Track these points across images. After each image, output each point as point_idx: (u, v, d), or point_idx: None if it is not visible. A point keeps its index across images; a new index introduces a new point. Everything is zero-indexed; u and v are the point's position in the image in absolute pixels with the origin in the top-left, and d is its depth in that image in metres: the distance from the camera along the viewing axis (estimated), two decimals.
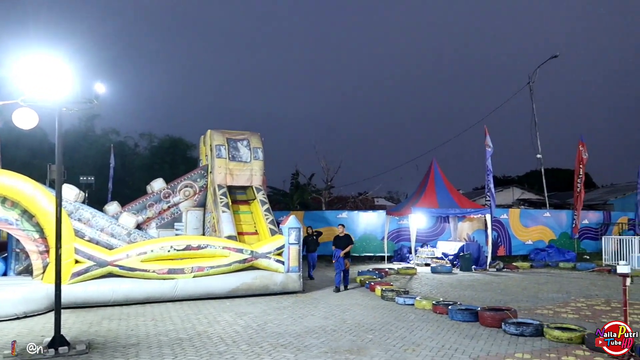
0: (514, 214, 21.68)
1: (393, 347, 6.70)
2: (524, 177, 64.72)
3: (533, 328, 7.31)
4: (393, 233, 20.41)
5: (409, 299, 10.03)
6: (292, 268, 11.54)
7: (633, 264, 16.88)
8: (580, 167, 21.98)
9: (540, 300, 10.69)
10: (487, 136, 18.35)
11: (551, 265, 18.30)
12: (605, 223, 23.98)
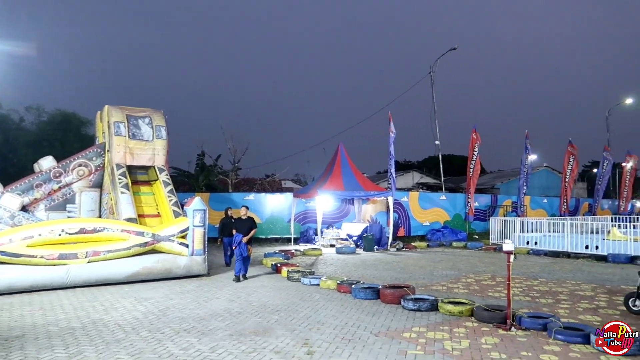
0: (413, 197, 22.88)
1: (298, 327, 6.79)
2: (423, 162, 68.59)
3: (429, 303, 7.78)
4: (300, 215, 20.63)
5: (315, 280, 10.21)
6: (197, 251, 11.24)
7: (515, 242, 18.60)
8: (473, 153, 23.67)
9: (435, 277, 11.40)
10: (391, 122, 19.07)
11: (445, 245, 19.62)
12: (492, 205, 26.17)
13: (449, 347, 5.85)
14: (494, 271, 12.26)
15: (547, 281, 10.77)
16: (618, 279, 11.11)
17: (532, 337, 6.22)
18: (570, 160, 27.21)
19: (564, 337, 5.99)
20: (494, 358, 5.42)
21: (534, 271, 12.35)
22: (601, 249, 15.41)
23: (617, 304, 8.29)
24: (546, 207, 29.37)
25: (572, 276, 11.54)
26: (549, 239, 17.37)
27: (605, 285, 10.21)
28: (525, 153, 25.38)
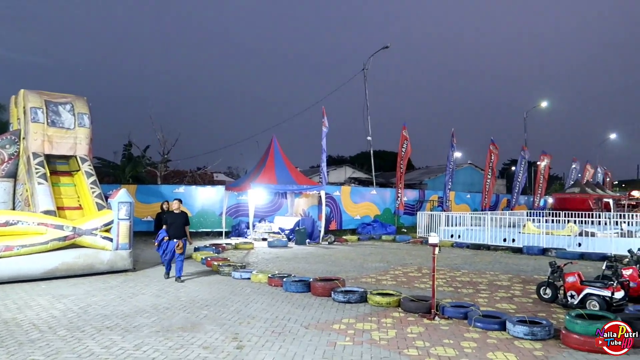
0: (345, 191, 23.26)
1: (228, 321, 6.70)
2: (355, 157, 69.94)
3: (358, 295, 7.95)
4: (232, 208, 20.34)
5: (245, 273, 10.12)
6: (122, 245, 10.76)
7: (440, 235, 19.45)
8: (403, 149, 24.41)
9: (365, 269, 11.67)
10: (324, 117, 19.22)
11: (375, 238, 20.14)
12: (420, 200, 27.16)
13: (376, 337, 6.01)
14: (420, 263, 12.73)
15: (469, 272, 11.35)
16: (531, 269, 11.92)
17: (454, 325, 6.53)
18: (491, 158, 28.78)
19: (482, 325, 6.34)
20: (419, 346, 5.64)
21: (457, 263, 12.98)
22: (517, 242, 16.47)
23: (530, 292, 8.90)
24: (469, 202, 30.93)
25: (491, 267, 12.24)
26: (471, 233, 18.32)
27: (520, 276, 10.92)
28: (451, 150, 26.55)
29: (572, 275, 7.79)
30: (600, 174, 41.79)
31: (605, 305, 7.17)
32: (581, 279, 7.75)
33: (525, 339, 5.88)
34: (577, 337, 5.58)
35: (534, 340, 5.85)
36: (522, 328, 5.95)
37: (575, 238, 15.86)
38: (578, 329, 5.62)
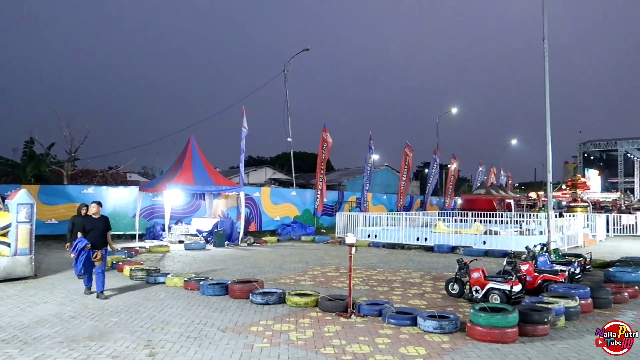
0: (265, 192, 23.16)
1: (140, 328, 6.42)
2: (276, 158, 69.88)
3: (277, 296, 7.95)
4: (146, 210, 19.51)
5: (160, 277, 9.75)
6: (21, 250, 9.95)
7: (358, 235, 19.96)
8: (323, 151, 24.76)
9: (284, 270, 11.70)
10: (244, 117, 19.01)
11: (295, 239, 20.25)
12: (339, 201, 27.70)
13: (294, 337, 6.05)
14: (338, 263, 12.98)
15: (384, 271, 11.76)
16: (441, 266, 12.59)
17: (369, 322, 6.73)
18: (406, 161, 30.03)
19: (396, 321, 6.60)
20: (335, 345, 5.75)
21: (373, 262, 13.39)
22: (429, 241, 17.32)
23: (440, 288, 9.39)
24: (386, 203, 32.04)
25: (405, 265, 12.76)
26: (387, 232, 18.98)
27: (431, 273, 11.50)
28: (368, 153, 27.34)
29: (477, 271, 8.32)
30: (503, 176, 45.10)
31: (505, 298, 7.74)
32: (485, 275, 8.31)
33: (435, 332, 6.20)
34: (481, 329, 5.97)
35: (442, 333, 6.18)
36: (431, 323, 6.27)
37: (480, 236, 16.96)
38: (481, 321, 6.02)
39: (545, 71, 13.40)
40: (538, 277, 9.06)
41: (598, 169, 52.77)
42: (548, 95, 13.40)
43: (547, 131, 13.49)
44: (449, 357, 5.35)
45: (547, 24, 13.40)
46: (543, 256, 10.42)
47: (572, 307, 7.02)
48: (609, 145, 51.29)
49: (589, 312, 7.49)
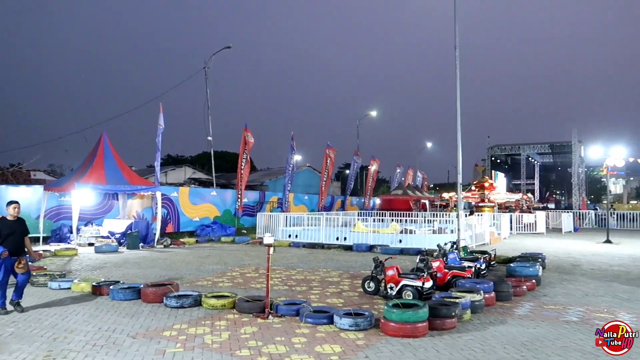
0: (183, 192, 22.46)
1: (40, 338, 5.96)
2: (196, 157, 68.07)
3: (192, 299, 7.73)
4: (52, 211, 18.19)
5: (65, 283, 9.13)
6: None
7: (279, 236, 19.94)
8: (244, 151, 24.45)
9: (202, 272, 11.41)
10: (161, 114, 18.32)
11: (214, 240, 19.82)
12: (260, 201, 27.51)
13: (209, 340, 5.91)
14: (258, 264, 12.88)
15: (304, 270, 11.83)
16: (359, 265, 12.89)
17: (286, 322, 6.73)
18: (327, 162, 30.45)
19: (313, 320, 6.65)
20: (251, 346, 5.69)
21: (293, 262, 13.43)
22: (348, 240, 17.69)
23: (357, 286, 9.60)
24: (307, 203, 32.29)
25: (324, 265, 12.93)
26: (307, 232, 19.13)
27: (349, 271, 11.74)
28: (290, 153, 27.40)
29: (391, 269, 8.61)
30: (419, 177, 47.10)
31: (417, 294, 8.07)
32: (399, 272, 8.62)
33: (350, 330, 6.32)
34: (394, 325, 6.18)
35: (357, 330, 6.32)
36: (347, 320, 6.39)
37: (397, 235, 17.60)
38: (394, 317, 6.23)
39: (457, 79, 14.17)
40: (448, 274, 9.55)
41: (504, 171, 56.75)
42: (459, 102, 14.18)
43: (457, 135, 14.27)
44: (363, 353, 5.48)
45: (458, 35, 14.18)
46: (453, 253, 11.01)
47: (477, 300, 7.47)
48: (513, 149, 55.25)
49: (492, 305, 8.01)
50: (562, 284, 10.10)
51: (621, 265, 13.21)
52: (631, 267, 12.76)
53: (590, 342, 5.93)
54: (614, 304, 8.24)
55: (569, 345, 5.83)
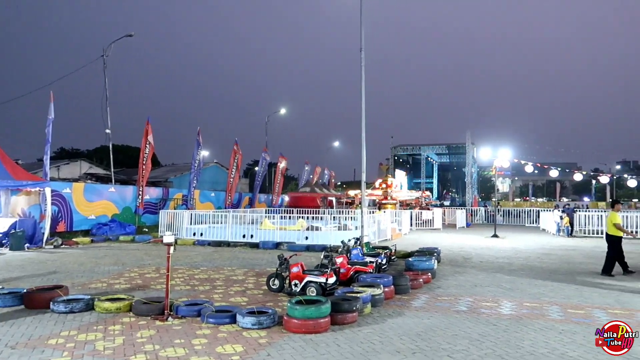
0: (78, 188, 20.91)
1: None
2: (94, 151, 63.76)
3: (83, 303, 7.20)
4: None
5: None
6: None
7: (183, 234, 19.29)
8: (147, 145, 23.30)
9: (96, 274, 10.69)
10: (51, 103, 16.89)
11: (112, 239, 18.69)
12: (163, 198, 26.42)
13: (100, 347, 5.53)
14: (159, 263, 12.34)
15: (207, 269, 11.54)
16: (265, 262, 12.83)
17: (187, 324, 6.51)
18: (235, 158, 29.97)
19: (214, 320, 6.49)
20: (148, 350, 5.42)
21: (197, 261, 13.05)
22: (255, 237, 17.56)
23: (262, 284, 9.54)
24: (214, 201, 31.55)
25: (229, 263, 12.71)
26: (213, 230, 18.71)
27: (254, 269, 11.64)
28: (196, 148, 26.58)
29: (296, 266, 8.66)
30: (326, 175, 47.97)
31: (321, 290, 8.20)
32: (303, 269, 8.70)
33: (253, 328, 6.26)
34: (296, 322, 6.21)
35: (260, 329, 6.27)
36: (250, 319, 6.32)
37: (303, 232, 17.78)
38: (297, 314, 6.27)
39: (362, 80, 14.59)
40: (351, 269, 9.82)
41: (406, 170, 59.65)
42: (364, 102, 14.62)
43: (362, 135, 14.71)
44: (265, 352, 5.45)
45: (364, 37, 14.61)
46: (356, 249, 11.34)
47: (377, 294, 7.75)
48: (414, 149, 58.33)
49: (391, 298, 8.36)
50: (455, 276, 10.81)
51: (505, 257, 14.44)
52: (514, 259, 13.99)
53: (477, 329, 6.41)
54: (498, 293, 8.97)
55: (459, 334, 6.24)
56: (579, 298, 8.60)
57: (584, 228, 23.47)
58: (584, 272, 11.75)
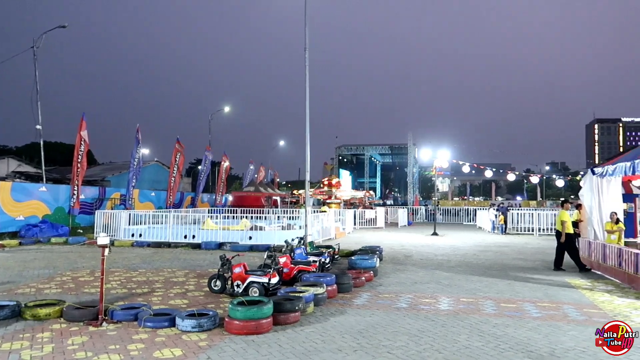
0: (4, 188, 19.61)
1: None
2: (23, 148, 60.13)
3: (9, 310, 6.74)
4: None
5: None
6: None
7: (121, 235, 18.55)
8: (82, 142, 22.23)
9: (24, 278, 10.07)
10: None
11: (43, 241, 17.69)
12: (100, 198, 25.31)
13: (27, 356, 5.21)
14: (94, 266, 11.80)
15: (146, 271, 11.16)
16: (207, 263, 12.58)
17: (123, 329, 6.25)
18: (177, 157, 29.20)
19: (152, 324, 6.28)
20: (79, 358, 5.16)
21: (135, 262, 12.59)
22: (197, 238, 17.17)
23: (203, 285, 9.34)
24: (154, 200, 30.58)
25: (169, 264, 12.35)
26: (153, 231, 18.12)
27: (196, 270, 11.38)
28: (136, 146, 25.65)
29: (238, 266, 8.55)
30: (271, 174, 47.73)
31: (264, 290, 8.14)
32: (246, 269, 8.60)
33: (193, 331, 6.11)
34: (238, 323, 6.12)
35: (201, 331, 6.13)
36: (190, 322, 6.16)
37: (247, 232, 17.58)
38: (239, 315, 6.18)
39: (306, 79, 14.62)
40: (294, 268, 9.81)
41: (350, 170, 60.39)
42: (308, 101, 14.65)
43: (306, 134, 14.74)
44: (205, 355, 5.33)
45: (308, 37, 14.64)
46: (300, 249, 11.35)
47: (320, 293, 7.78)
48: (358, 149, 59.21)
49: (334, 296, 8.42)
50: (396, 274, 11.06)
51: (444, 255, 14.94)
52: (452, 256, 14.50)
53: (416, 325, 6.58)
54: (437, 290, 9.25)
55: (399, 330, 6.37)
56: (510, 292, 9.02)
57: (516, 225, 24.70)
58: (515, 267, 12.35)
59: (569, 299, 8.51)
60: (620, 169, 10.33)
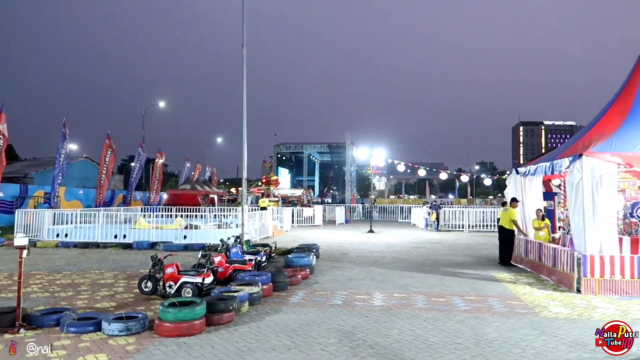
0: None
1: None
2: None
3: None
4: None
5: None
6: None
7: (45, 235, 17.48)
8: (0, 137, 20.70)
9: None
10: None
11: None
12: (21, 196, 23.77)
13: None
14: (13, 269, 11.04)
15: (71, 273, 10.59)
16: (139, 264, 12.12)
17: (43, 335, 5.89)
18: (108, 153, 27.92)
19: (76, 329, 5.95)
20: None
21: (60, 264, 11.92)
22: (128, 238, 16.50)
23: (133, 287, 8.98)
24: (82, 199, 29.13)
25: (97, 266, 11.78)
26: (80, 230, 17.23)
27: (126, 271, 10.93)
28: (62, 141, 24.23)
29: (171, 266, 8.29)
30: (208, 172, 46.78)
31: (197, 290, 7.95)
32: (179, 269, 8.36)
33: (121, 335, 5.85)
34: (169, 325, 5.93)
35: (129, 335, 5.88)
36: (117, 325, 5.90)
37: (182, 231, 17.12)
38: (169, 316, 5.99)
39: (243, 76, 14.44)
40: (229, 268, 9.66)
41: (289, 168, 60.39)
42: (245, 98, 14.48)
43: (243, 132, 14.56)
44: (132, 359, 5.12)
45: (246, 33, 14.46)
46: (236, 247, 11.19)
47: (255, 292, 7.71)
48: (297, 148, 59.33)
49: (270, 295, 8.37)
50: (332, 271, 11.17)
51: (379, 251, 15.28)
52: (386, 253, 14.86)
53: (350, 321, 6.67)
54: (371, 286, 9.43)
55: (333, 327, 6.44)
56: (441, 287, 9.37)
57: (448, 223, 25.70)
58: (446, 263, 12.84)
59: (494, 292, 8.96)
60: (541, 168, 10.99)
